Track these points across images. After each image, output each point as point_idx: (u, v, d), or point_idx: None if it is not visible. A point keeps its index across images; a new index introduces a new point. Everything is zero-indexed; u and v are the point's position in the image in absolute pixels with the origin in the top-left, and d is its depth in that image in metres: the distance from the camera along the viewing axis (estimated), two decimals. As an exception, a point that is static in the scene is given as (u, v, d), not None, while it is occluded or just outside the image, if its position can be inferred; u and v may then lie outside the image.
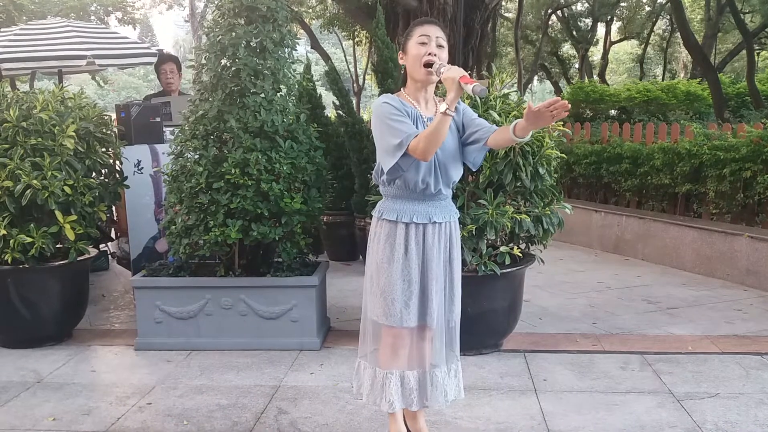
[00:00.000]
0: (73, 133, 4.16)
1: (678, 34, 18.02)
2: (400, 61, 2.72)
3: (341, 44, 26.33)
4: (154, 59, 7.08)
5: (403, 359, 2.73)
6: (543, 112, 2.28)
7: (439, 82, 2.59)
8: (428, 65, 2.58)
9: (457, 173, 2.71)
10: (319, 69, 19.48)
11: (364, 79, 24.92)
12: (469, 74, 2.46)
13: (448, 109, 2.39)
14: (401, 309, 2.65)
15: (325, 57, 19.13)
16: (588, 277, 6.07)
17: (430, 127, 2.44)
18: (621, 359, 3.99)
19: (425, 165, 2.58)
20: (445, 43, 2.65)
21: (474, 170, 3.09)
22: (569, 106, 2.28)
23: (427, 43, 2.61)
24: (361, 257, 6.37)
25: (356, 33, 21.86)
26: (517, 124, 2.43)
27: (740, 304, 5.17)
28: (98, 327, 4.75)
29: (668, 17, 23.28)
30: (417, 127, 2.58)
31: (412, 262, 2.65)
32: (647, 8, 24.88)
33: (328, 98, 6.84)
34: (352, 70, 25.02)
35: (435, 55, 2.59)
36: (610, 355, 4.06)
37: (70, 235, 4.13)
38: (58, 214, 4.09)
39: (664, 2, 22.04)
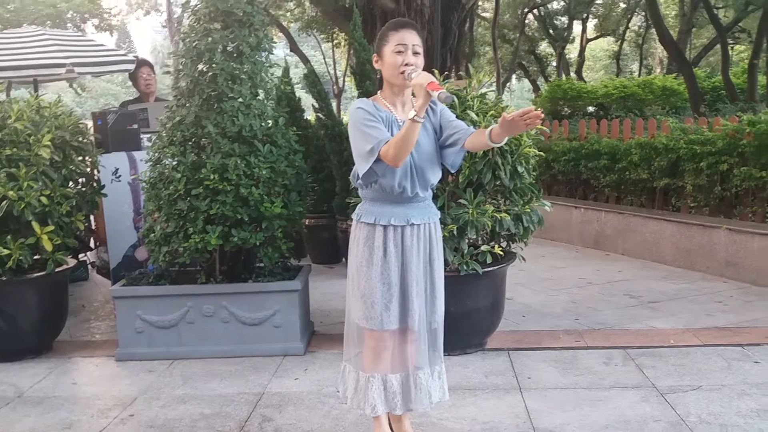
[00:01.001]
0: (49, 143, 4.11)
1: (653, 31, 18.21)
2: (375, 65, 2.70)
3: (320, 47, 26.28)
4: (131, 66, 7.01)
5: (385, 362, 2.73)
6: (517, 120, 2.32)
7: None
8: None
9: (434, 176, 2.70)
10: (298, 72, 19.41)
11: (343, 81, 24.89)
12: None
13: (416, 115, 2.38)
14: (381, 312, 2.65)
15: (304, 60, 19.09)
16: (569, 274, 6.10)
17: (399, 134, 2.44)
18: (604, 354, 4.01)
19: (401, 169, 2.57)
20: (421, 49, 2.63)
21: (452, 172, 3.09)
22: (543, 115, 2.33)
23: (403, 52, 2.58)
24: (343, 260, 6.35)
25: (334, 35, 21.86)
26: (492, 130, 2.46)
27: (720, 296, 5.22)
28: (78, 338, 4.70)
29: (643, 14, 23.47)
30: (392, 130, 2.58)
31: (391, 264, 2.65)
32: (622, 5, 25.09)
33: (308, 101, 6.82)
34: (332, 72, 25.00)
35: (412, 64, 2.56)
36: (593, 351, 4.08)
37: (48, 246, 4.08)
38: (35, 225, 4.03)
39: (638, -1, 22.25)
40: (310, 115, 7.03)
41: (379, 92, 2.75)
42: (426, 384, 2.77)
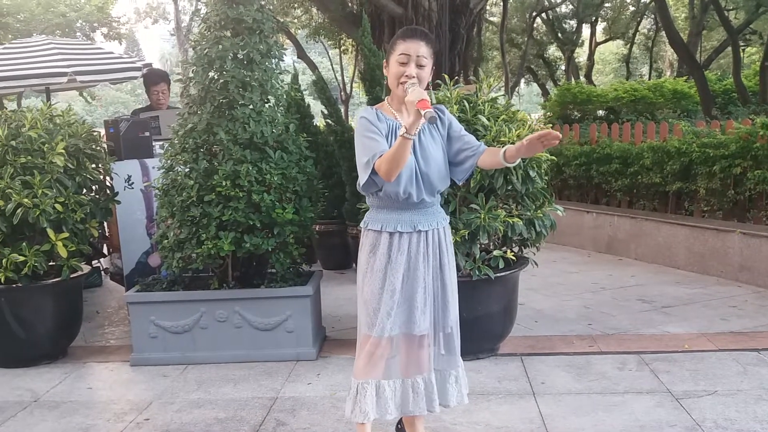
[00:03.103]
0: (63, 151, 4.14)
1: (663, 33, 18.15)
2: (385, 72, 2.68)
3: (327, 53, 26.34)
4: (138, 73, 7.05)
5: (379, 369, 2.69)
6: (535, 143, 2.37)
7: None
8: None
9: (442, 183, 2.68)
10: (306, 78, 19.47)
11: (351, 87, 24.94)
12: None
13: (406, 132, 2.34)
14: (383, 319, 2.62)
15: (312, 66, 19.14)
16: (582, 278, 6.08)
17: (391, 150, 2.42)
18: (618, 359, 4.00)
19: (406, 175, 2.54)
20: (426, 61, 2.58)
21: (460, 184, 3.06)
22: (560, 136, 2.37)
23: (406, 63, 2.55)
24: (354, 265, 6.35)
25: (342, 42, 21.89)
26: (507, 151, 2.49)
27: (735, 300, 5.19)
28: (93, 344, 4.72)
29: (653, 16, 23.42)
30: (394, 138, 2.55)
31: (396, 271, 2.62)
32: (631, 8, 25.04)
33: (317, 107, 6.85)
34: (340, 78, 25.04)
35: (414, 77, 2.53)
36: (607, 356, 4.06)
37: (63, 253, 4.11)
38: (50, 232, 4.06)
39: (648, 2, 22.18)
40: (319, 122, 7.05)
41: (386, 98, 2.74)
42: (423, 390, 2.71)
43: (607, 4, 25.03)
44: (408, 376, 2.73)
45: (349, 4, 13.82)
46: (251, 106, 4.08)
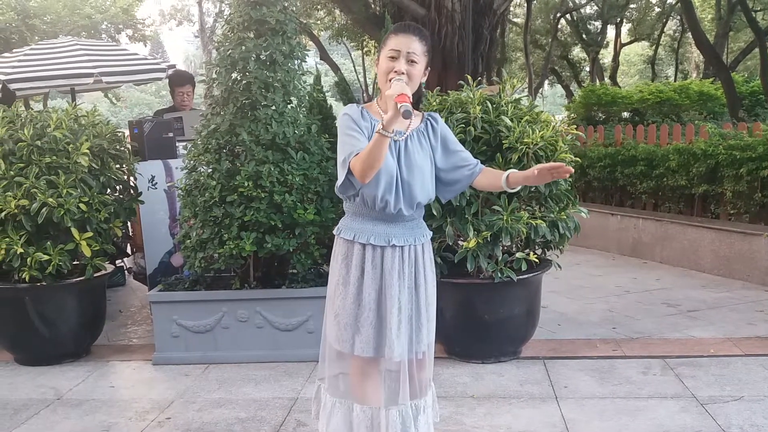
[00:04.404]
0: (87, 151, 4.18)
1: (689, 34, 17.93)
2: (375, 69, 2.53)
3: (350, 55, 26.43)
4: (162, 75, 7.10)
5: (366, 389, 2.50)
6: (545, 174, 2.29)
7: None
8: None
9: (423, 195, 2.46)
10: (328, 80, 19.54)
11: (373, 88, 24.96)
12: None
13: (383, 128, 2.13)
14: (353, 335, 2.44)
15: (335, 68, 19.20)
16: (606, 282, 6.01)
17: (366, 148, 2.22)
18: (642, 364, 3.94)
19: (384, 181, 2.35)
20: (418, 58, 2.40)
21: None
22: (572, 170, 2.30)
23: (396, 58, 2.38)
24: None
25: (365, 43, 21.94)
26: (510, 176, 2.40)
27: (762, 305, 5.09)
28: (116, 342, 4.76)
29: (679, 17, 23.16)
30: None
31: (367, 286, 2.43)
32: (657, 9, 24.79)
33: (339, 109, 6.83)
34: (362, 80, 25.13)
35: (404, 73, 2.36)
36: (631, 360, 4.01)
37: (87, 252, 4.15)
38: (74, 231, 4.11)
39: (674, 3, 21.94)
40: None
41: (376, 98, 2.57)
42: (401, 422, 2.47)
43: (632, 5, 24.82)
44: (363, 403, 2.50)
45: (372, 6, 13.85)
46: (274, 107, 4.09)
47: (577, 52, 27.58)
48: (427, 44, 2.45)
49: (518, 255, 3.91)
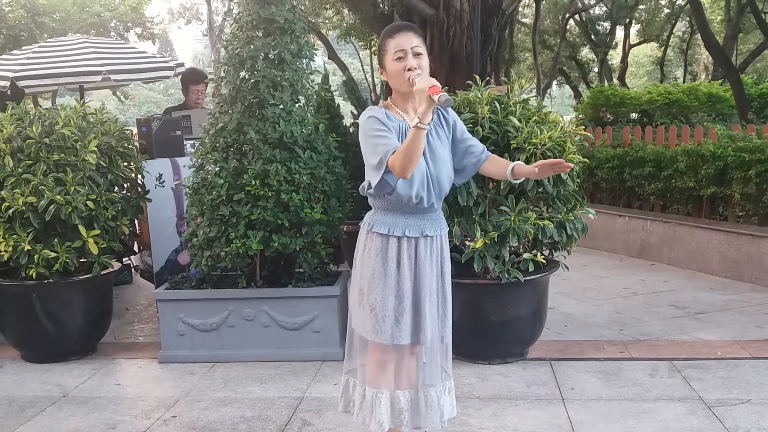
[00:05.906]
0: (95, 149, 4.19)
1: (698, 36, 17.86)
2: (381, 77, 2.62)
3: (358, 54, 26.42)
4: (171, 73, 7.11)
5: (390, 376, 2.65)
6: (546, 169, 2.46)
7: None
8: None
9: (449, 185, 2.64)
10: (336, 79, 19.51)
11: (381, 88, 24.97)
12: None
13: (420, 122, 2.27)
14: (392, 326, 2.57)
15: (343, 67, 19.20)
16: (613, 283, 5.99)
17: (405, 143, 2.33)
18: (649, 366, 3.92)
19: (418, 179, 2.48)
20: (421, 50, 2.51)
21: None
22: (572, 166, 2.44)
23: (404, 57, 2.49)
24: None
25: (373, 42, 21.91)
26: (515, 168, 2.55)
27: (770, 307, 5.07)
28: (122, 340, 4.78)
29: (688, 19, 23.08)
30: (404, 139, 2.44)
31: (404, 277, 2.57)
32: (666, 10, 24.69)
33: (347, 108, 6.85)
34: (369, 79, 25.10)
35: (416, 67, 2.47)
36: (638, 362, 3.99)
37: (94, 250, 4.16)
38: (82, 229, 4.12)
39: (683, 4, 21.85)
40: (348, 122, 7.06)
41: (389, 99, 2.66)
42: (437, 402, 2.68)
43: (641, 7, 24.73)
44: (407, 387, 2.68)
45: (381, 6, 13.81)
46: (281, 106, 4.09)
47: (586, 52, 27.50)
48: (421, 35, 2.58)
49: (525, 256, 3.89)
